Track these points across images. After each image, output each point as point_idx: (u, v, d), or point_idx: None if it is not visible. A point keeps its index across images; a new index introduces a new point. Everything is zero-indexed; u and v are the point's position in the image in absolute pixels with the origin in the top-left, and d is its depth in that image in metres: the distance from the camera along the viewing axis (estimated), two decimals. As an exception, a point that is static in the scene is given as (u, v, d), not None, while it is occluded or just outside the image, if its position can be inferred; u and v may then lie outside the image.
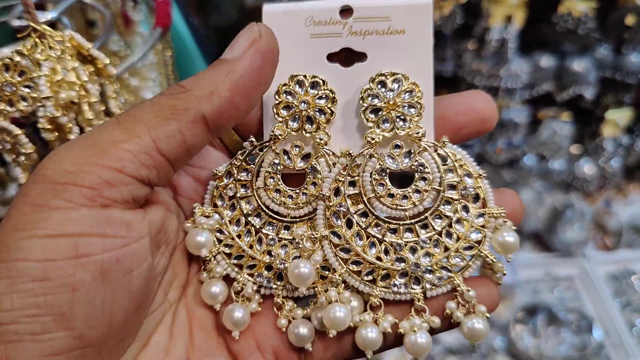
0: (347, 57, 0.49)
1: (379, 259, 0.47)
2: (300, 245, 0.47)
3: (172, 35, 0.97)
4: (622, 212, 1.71)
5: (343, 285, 0.47)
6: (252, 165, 0.48)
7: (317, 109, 0.47)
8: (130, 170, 0.38)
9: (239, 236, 0.49)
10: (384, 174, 0.47)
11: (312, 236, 0.47)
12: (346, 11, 0.48)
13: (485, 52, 1.52)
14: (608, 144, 1.67)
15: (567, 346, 1.40)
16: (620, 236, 1.65)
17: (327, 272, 0.48)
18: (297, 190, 0.48)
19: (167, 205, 0.46)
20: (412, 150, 0.47)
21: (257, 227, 0.49)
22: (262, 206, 0.49)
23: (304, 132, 0.47)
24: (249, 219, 0.49)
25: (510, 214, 0.48)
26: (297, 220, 0.49)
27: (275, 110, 0.47)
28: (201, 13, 1.45)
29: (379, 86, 0.47)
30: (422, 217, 0.47)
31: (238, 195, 0.49)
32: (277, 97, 0.47)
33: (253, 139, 0.48)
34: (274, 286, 0.49)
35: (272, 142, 0.48)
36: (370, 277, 0.47)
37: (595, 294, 1.52)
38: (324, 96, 0.47)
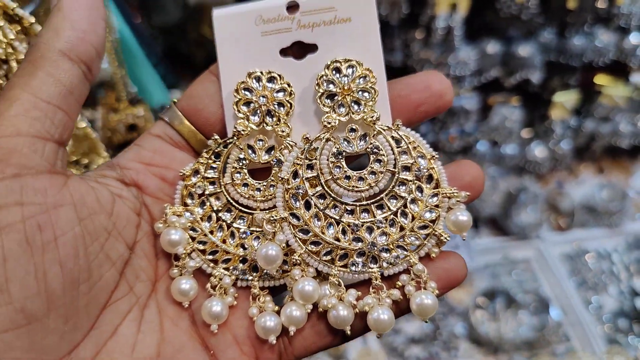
0: (299, 50, 0.53)
1: (337, 239, 0.51)
2: (261, 229, 0.52)
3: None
4: (574, 192, 1.80)
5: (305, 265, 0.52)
6: (218, 162, 0.52)
7: (276, 103, 0.52)
8: (25, 131, 0.42)
9: (211, 232, 0.53)
10: (340, 157, 0.52)
11: (272, 218, 0.51)
12: (293, 7, 0.52)
13: (432, 40, 1.56)
14: (557, 126, 1.75)
15: (526, 327, 1.47)
16: (573, 216, 1.73)
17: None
18: (265, 183, 0.53)
19: (109, 187, 0.49)
20: (367, 134, 0.52)
21: (228, 222, 0.53)
22: (231, 201, 0.53)
23: (265, 125, 0.52)
24: (220, 214, 0.53)
25: (471, 183, 0.53)
26: (267, 212, 0.52)
27: (235, 107, 0.51)
28: (144, 13, 1.46)
29: (334, 72, 0.52)
30: (378, 198, 0.52)
31: (207, 192, 0.53)
32: (236, 94, 0.51)
33: (217, 137, 0.52)
34: (250, 278, 0.53)
35: (235, 138, 0.52)
36: (328, 257, 0.51)
37: (551, 275, 1.60)
38: (281, 90, 0.52)
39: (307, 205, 0.52)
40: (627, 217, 1.74)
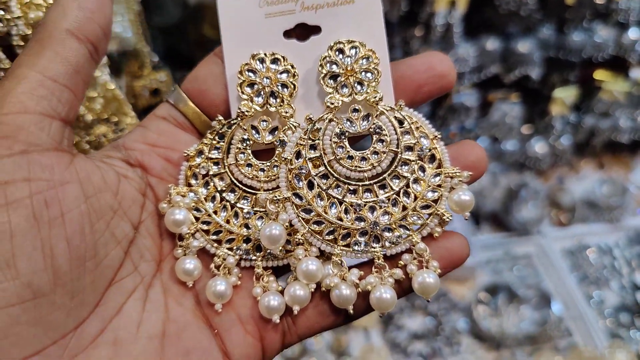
0: (302, 32, 0.54)
1: (339, 219, 0.52)
2: (265, 209, 0.52)
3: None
4: (574, 188, 1.80)
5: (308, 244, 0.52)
6: (222, 143, 0.53)
7: (279, 84, 0.53)
8: (32, 108, 0.43)
9: (215, 212, 0.53)
10: (343, 137, 0.52)
11: (275, 198, 0.52)
12: None
13: (431, 37, 1.56)
14: (557, 122, 1.74)
15: (528, 322, 1.47)
16: (574, 211, 1.73)
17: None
18: (268, 164, 0.53)
19: (114, 168, 0.50)
20: (370, 114, 0.53)
21: (232, 202, 0.54)
22: (235, 181, 0.53)
23: (269, 106, 0.53)
24: (224, 194, 0.54)
25: (474, 163, 0.53)
26: (270, 192, 0.53)
27: (239, 89, 0.52)
28: (143, 13, 1.47)
29: (337, 53, 0.52)
30: (381, 177, 0.53)
31: (211, 172, 0.53)
32: (240, 76, 0.52)
33: (221, 118, 0.53)
34: (254, 257, 0.53)
35: (239, 119, 0.53)
36: (331, 237, 0.52)
37: (553, 270, 1.60)
38: (285, 71, 0.53)
39: (310, 185, 0.52)
40: (628, 212, 1.74)
